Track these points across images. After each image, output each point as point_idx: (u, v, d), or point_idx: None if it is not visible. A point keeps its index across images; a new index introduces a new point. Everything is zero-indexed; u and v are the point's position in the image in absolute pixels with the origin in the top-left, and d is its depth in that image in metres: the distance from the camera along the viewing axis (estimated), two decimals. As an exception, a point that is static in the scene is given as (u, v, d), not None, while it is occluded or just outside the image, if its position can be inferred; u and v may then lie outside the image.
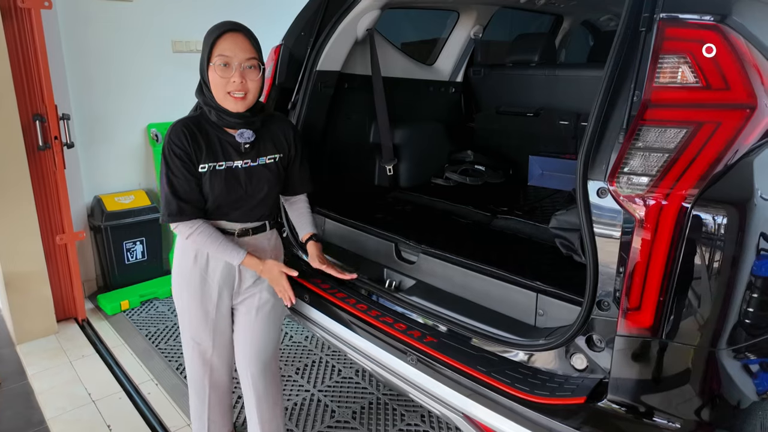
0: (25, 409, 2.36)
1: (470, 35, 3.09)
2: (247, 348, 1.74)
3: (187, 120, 1.55)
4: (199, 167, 1.52)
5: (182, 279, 1.67)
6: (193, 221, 1.54)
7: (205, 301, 1.66)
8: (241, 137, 1.54)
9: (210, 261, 1.63)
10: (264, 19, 3.42)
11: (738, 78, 1.08)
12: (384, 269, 1.97)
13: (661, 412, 1.18)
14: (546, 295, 1.53)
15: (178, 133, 1.50)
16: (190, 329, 1.72)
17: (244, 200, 1.60)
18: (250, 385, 1.76)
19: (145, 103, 3.50)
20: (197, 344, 1.73)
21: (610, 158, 1.19)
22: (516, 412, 1.30)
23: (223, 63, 1.45)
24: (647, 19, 1.18)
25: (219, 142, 1.55)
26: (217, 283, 1.65)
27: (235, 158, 1.56)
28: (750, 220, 1.08)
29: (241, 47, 1.47)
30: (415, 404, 2.35)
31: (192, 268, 1.63)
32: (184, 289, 1.67)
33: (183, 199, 1.50)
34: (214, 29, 1.49)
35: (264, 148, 1.62)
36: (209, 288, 1.65)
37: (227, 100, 1.49)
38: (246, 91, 1.49)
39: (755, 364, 1.21)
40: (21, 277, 2.81)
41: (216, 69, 1.45)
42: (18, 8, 2.65)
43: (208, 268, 1.64)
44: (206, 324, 1.69)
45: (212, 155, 1.53)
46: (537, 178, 2.94)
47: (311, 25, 2.24)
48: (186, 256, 1.64)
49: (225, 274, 1.65)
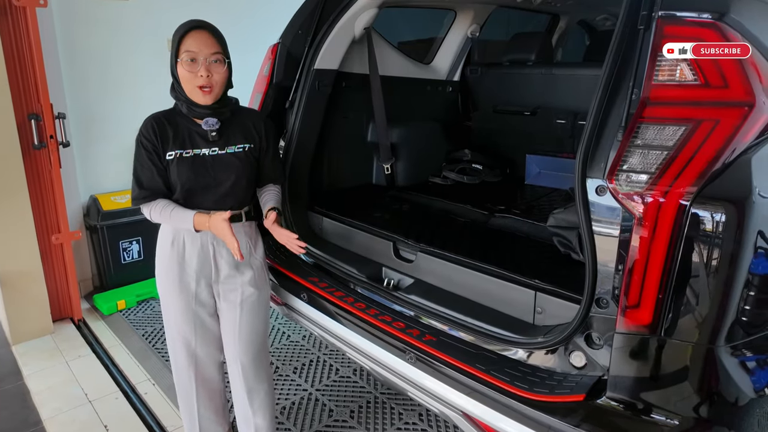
0: (22, 410, 2.34)
1: (467, 34, 3.10)
2: (235, 342, 1.75)
3: (158, 114, 1.65)
4: (166, 155, 1.60)
5: (162, 267, 1.70)
6: (152, 202, 1.62)
7: (183, 290, 1.69)
8: (206, 125, 1.62)
9: (186, 248, 1.66)
10: (262, 18, 3.42)
11: (736, 76, 1.09)
12: (382, 268, 1.97)
13: (660, 409, 1.18)
14: (544, 293, 1.53)
15: (147, 126, 1.61)
16: (173, 320, 1.73)
17: (212, 187, 1.64)
18: (239, 377, 1.77)
19: (141, 101, 3.48)
20: (180, 335, 1.74)
21: (608, 156, 1.20)
22: (515, 409, 1.31)
23: (190, 59, 1.54)
24: (646, 17, 1.18)
25: (187, 131, 1.63)
26: (194, 271, 1.68)
27: (203, 146, 1.64)
28: (748, 218, 1.08)
29: (205, 43, 1.55)
30: (413, 403, 2.35)
31: (170, 256, 1.67)
32: (164, 278, 1.70)
33: (145, 186, 1.61)
34: (180, 28, 1.57)
35: (233, 137, 1.68)
36: (187, 276, 1.68)
37: (195, 93, 1.57)
38: (212, 84, 1.57)
39: (752, 361, 1.21)
40: (16, 277, 2.80)
41: (183, 64, 1.54)
42: (13, 7, 2.64)
43: (185, 255, 1.67)
44: (187, 314, 1.71)
45: (179, 143, 1.61)
46: (534, 177, 2.94)
47: (309, 24, 2.23)
48: (164, 244, 1.68)
49: (201, 262, 1.68)
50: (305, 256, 2.10)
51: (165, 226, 1.70)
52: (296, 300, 1.95)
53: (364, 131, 2.71)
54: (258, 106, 2.21)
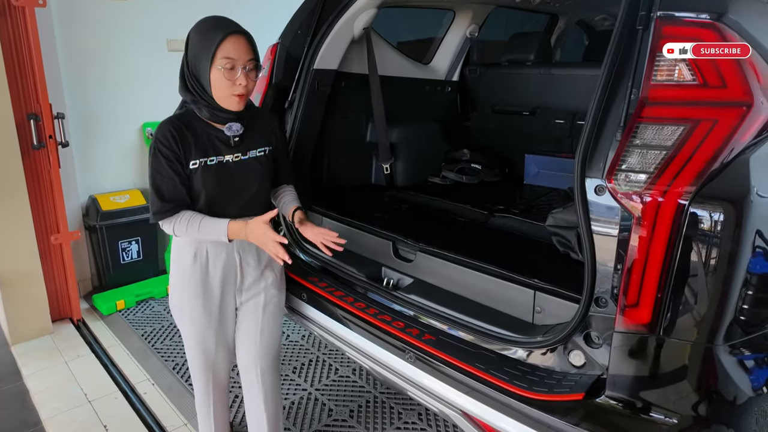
0: (21, 410, 2.34)
1: (466, 34, 3.10)
2: (256, 345, 1.72)
3: (173, 118, 1.55)
4: (189, 164, 1.51)
5: (182, 279, 1.63)
6: (174, 215, 1.53)
7: (207, 300, 1.64)
8: (230, 130, 1.54)
9: (210, 258, 1.61)
10: (260, 17, 3.41)
11: (734, 76, 1.09)
12: (382, 267, 1.98)
13: (659, 407, 1.18)
14: (543, 293, 1.53)
15: (165, 132, 1.49)
16: (193, 331, 1.67)
17: (236, 196, 1.59)
18: (257, 381, 1.74)
19: (141, 102, 3.49)
20: (200, 346, 1.70)
21: (607, 156, 1.20)
22: (514, 408, 1.31)
23: (230, 66, 1.45)
24: (644, 17, 1.18)
25: (207, 137, 1.55)
26: (219, 280, 1.64)
27: (226, 152, 1.56)
28: (746, 218, 1.09)
29: (244, 49, 1.47)
30: (412, 402, 2.36)
31: (192, 268, 1.61)
32: (184, 290, 1.64)
33: (167, 199, 1.51)
34: (217, 30, 1.46)
35: (253, 141, 1.63)
36: (211, 287, 1.64)
37: (230, 101, 1.49)
38: (248, 92, 1.50)
39: (750, 360, 1.22)
40: (16, 277, 2.80)
41: (221, 71, 1.44)
42: (12, 6, 2.64)
43: (209, 266, 1.62)
44: (209, 324, 1.67)
45: (202, 151, 1.53)
46: (533, 177, 2.95)
47: (308, 24, 2.24)
48: (184, 256, 1.62)
49: (226, 271, 1.64)
50: (305, 256, 2.10)
51: (182, 241, 1.61)
52: (296, 300, 1.95)
53: (364, 131, 2.72)
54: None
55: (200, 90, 1.50)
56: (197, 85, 1.50)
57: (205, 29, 1.48)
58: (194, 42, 1.49)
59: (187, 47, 1.51)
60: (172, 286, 1.69)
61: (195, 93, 1.51)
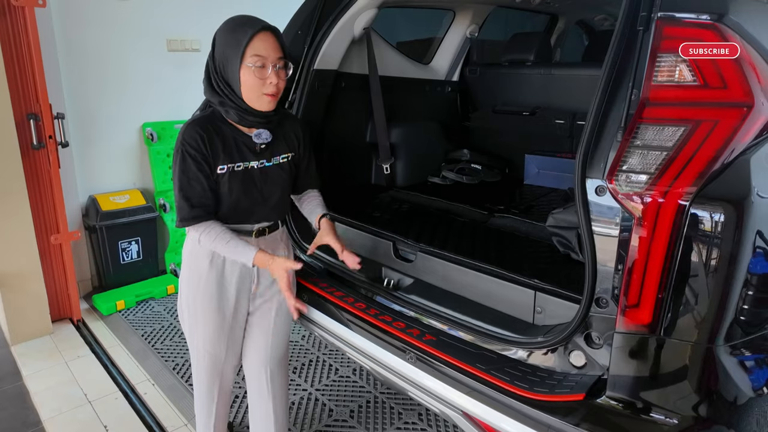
0: (21, 410, 2.34)
1: (466, 34, 3.10)
2: (267, 349, 1.72)
3: (201, 120, 1.49)
4: (217, 169, 1.48)
5: (196, 284, 1.59)
6: (203, 223, 1.50)
7: (222, 306, 1.61)
8: (259, 138, 1.51)
9: (226, 264, 1.59)
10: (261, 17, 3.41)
11: (735, 77, 1.09)
12: (382, 268, 1.98)
13: (660, 408, 1.18)
14: (544, 293, 1.53)
15: (193, 134, 1.44)
16: (203, 338, 1.64)
17: (260, 203, 1.57)
18: (266, 382, 1.73)
19: (141, 102, 3.49)
20: (210, 353, 1.66)
21: (608, 156, 1.20)
22: (515, 409, 1.31)
23: (261, 64, 1.41)
24: (645, 18, 1.18)
25: (235, 142, 1.51)
26: (235, 287, 1.61)
27: (251, 158, 1.53)
28: (747, 218, 1.09)
29: (273, 47, 1.43)
30: (412, 402, 2.36)
31: (208, 273, 1.57)
32: (198, 296, 1.60)
33: (195, 204, 1.46)
34: (246, 28, 1.41)
35: (277, 147, 1.59)
36: (226, 292, 1.61)
37: (261, 101, 1.45)
38: (279, 91, 1.47)
39: (751, 361, 1.22)
40: (15, 278, 2.80)
41: (252, 70, 1.41)
42: (12, 6, 2.64)
43: (225, 272, 1.59)
44: (222, 331, 1.64)
45: (229, 156, 1.49)
46: (533, 177, 2.95)
47: (308, 24, 2.23)
48: (200, 261, 1.58)
49: (242, 278, 1.62)
50: (305, 256, 2.10)
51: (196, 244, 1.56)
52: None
53: (364, 131, 2.71)
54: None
55: (229, 91, 1.45)
56: (225, 86, 1.45)
57: (232, 28, 1.44)
58: (222, 41, 1.44)
59: (214, 47, 1.46)
60: (183, 290, 1.64)
61: (223, 95, 1.46)
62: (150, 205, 3.48)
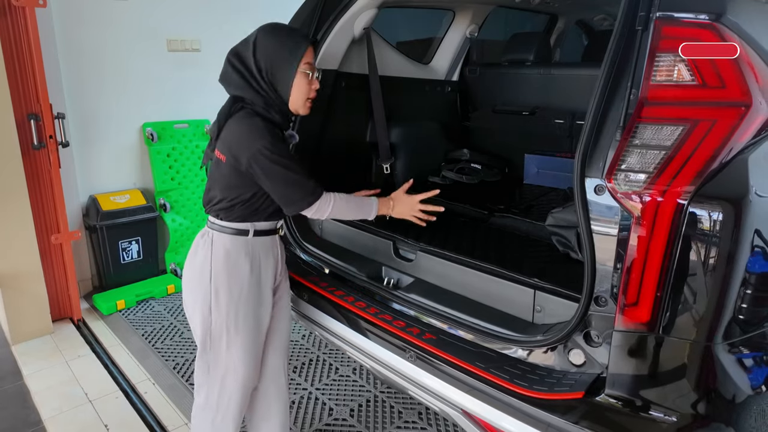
0: (22, 410, 2.35)
1: (466, 34, 3.10)
2: (282, 343, 1.75)
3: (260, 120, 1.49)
4: None
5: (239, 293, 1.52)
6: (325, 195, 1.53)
7: (263, 312, 1.59)
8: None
9: (262, 266, 1.58)
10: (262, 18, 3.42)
11: (733, 76, 1.10)
12: (382, 267, 1.98)
13: (659, 406, 1.19)
14: (543, 292, 1.54)
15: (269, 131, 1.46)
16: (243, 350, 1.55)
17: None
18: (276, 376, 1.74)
19: (141, 102, 3.49)
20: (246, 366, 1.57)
21: (607, 156, 1.20)
22: (515, 407, 1.32)
23: (311, 71, 1.55)
24: (643, 18, 1.19)
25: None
26: (269, 287, 1.62)
27: None
28: (745, 217, 1.09)
29: (313, 57, 1.58)
30: (412, 401, 2.36)
31: (249, 279, 1.54)
32: (241, 305, 1.53)
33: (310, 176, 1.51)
34: (300, 38, 1.53)
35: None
36: (265, 296, 1.59)
37: (305, 106, 1.59)
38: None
39: (749, 359, 1.23)
40: (16, 277, 2.80)
41: (304, 76, 1.53)
42: (12, 6, 2.64)
43: (261, 274, 1.58)
44: (258, 341, 1.60)
45: None
46: (533, 177, 2.95)
47: (308, 24, 2.24)
48: (240, 266, 1.52)
49: (271, 276, 1.63)
50: (306, 256, 2.11)
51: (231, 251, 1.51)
52: (297, 299, 1.95)
53: (364, 131, 2.72)
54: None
55: (274, 95, 1.52)
56: (271, 89, 1.51)
57: (284, 35, 1.53)
58: (272, 47, 1.49)
59: (258, 51, 1.49)
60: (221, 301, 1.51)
61: (268, 96, 1.51)
62: (150, 205, 3.49)
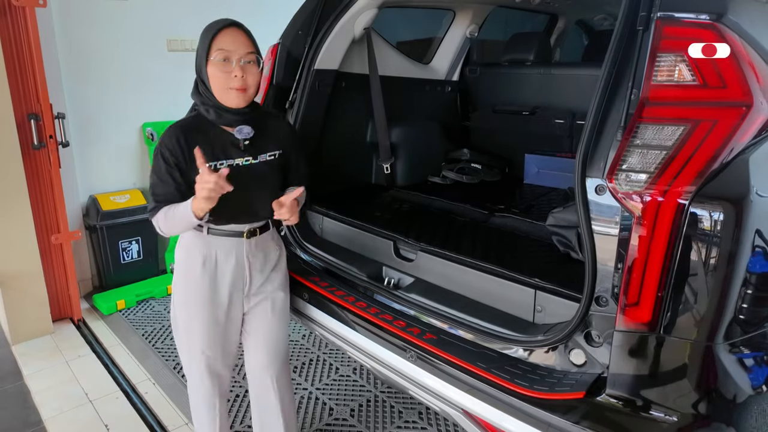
0: (22, 410, 2.35)
1: (466, 34, 3.11)
2: (269, 349, 1.71)
3: (182, 123, 1.54)
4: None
5: (189, 288, 1.60)
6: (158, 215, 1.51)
7: (215, 308, 1.62)
8: (240, 133, 1.52)
9: (218, 265, 1.59)
10: (261, 17, 3.42)
11: (734, 76, 1.10)
12: (383, 267, 1.98)
13: (659, 405, 1.19)
14: (544, 292, 1.54)
15: (171, 138, 1.49)
16: (200, 340, 1.63)
17: (249, 199, 1.57)
18: (272, 385, 1.73)
19: (141, 102, 3.49)
20: (206, 355, 1.65)
21: (608, 156, 1.21)
22: (516, 407, 1.32)
23: (223, 58, 1.45)
24: (644, 18, 1.19)
25: (219, 141, 1.54)
26: (228, 287, 1.62)
27: (236, 156, 1.55)
28: (746, 217, 1.10)
29: (240, 42, 1.47)
30: (413, 401, 2.36)
31: (201, 275, 1.59)
32: (191, 299, 1.61)
33: (160, 200, 1.51)
34: (213, 25, 1.48)
35: (264, 145, 1.61)
36: (219, 295, 1.61)
37: (229, 95, 1.48)
38: (247, 86, 1.49)
39: (750, 359, 1.23)
40: (16, 277, 2.80)
41: (216, 64, 1.45)
42: (12, 6, 2.64)
43: (217, 273, 1.60)
44: (215, 333, 1.64)
45: (211, 155, 1.51)
46: (533, 176, 2.95)
47: (309, 24, 2.24)
48: (193, 263, 1.59)
49: (235, 278, 1.62)
50: (306, 256, 2.11)
51: (189, 247, 1.59)
52: (297, 299, 1.96)
53: (364, 131, 2.72)
54: (258, 107, 2.22)
55: (204, 90, 1.51)
56: (202, 85, 1.51)
57: (206, 28, 1.51)
58: (199, 43, 1.50)
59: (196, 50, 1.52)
60: (177, 293, 1.65)
61: (203, 94, 1.51)
62: (150, 205, 3.48)
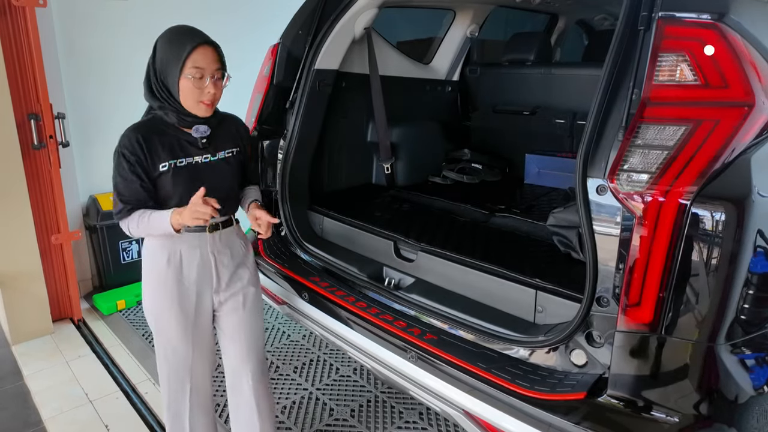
0: (22, 410, 2.34)
1: (466, 34, 3.11)
2: (242, 346, 1.71)
3: (139, 125, 1.59)
4: (159, 167, 1.54)
5: (156, 283, 1.62)
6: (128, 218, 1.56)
7: (183, 303, 1.62)
8: (197, 132, 1.58)
9: (184, 260, 1.61)
10: (260, 18, 3.42)
11: (736, 76, 1.10)
12: (383, 267, 1.98)
13: (660, 406, 1.19)
14: (545, 292, 1.54)
15: (130, 139, 1.54)
16: (168, 336, 1.64)
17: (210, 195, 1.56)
18: (248, 383, 1.72)
19: (141, 102, 3.46)
20: (176, 350, 1.65)
21: (609, 156, 1.20)
22: (516, 408, 1.31)
23: (200, 76, 1.50)
24: (646, 17, 1.19)
25: (177, 140, 1.58)
26: (195, 283, 1.63)
27: (195, 154, 1.60)
28: (748, 217, 1.09)
29: (212, 59, 1.52)
30: (413, 401, 2.36)
31: (165, 271, 1.60)
32: (158, 294, 1.62)
33: (125, 200, 1.54)
34: (186, 42, 1.50)
35: (222, 143, 1.66)
36: (186, 289, 1.62)
37: (198, 108, 1.54)
38: (215, 99, 1.56)
39: (751, 359, 1.22)
40: (16, 277, 2.80)
41: (190, 80, 1.50)
42: (12, 6, 2.63)
43: (183, 270, 1.61)
44: (185, 327, 1.64)
45: (171, 153, 1.56)
46: (533, 176, 2.95)
47: (309, 24, 2.24)
48: (157, 260, 1.61)
49: (201, 273, 1.63)
50: (306, 256, 2.11)
51: (154, 245, 1.62)
52: (297, 299, 1.95)
53: (364, 131, 2.72)
54: (258, 107, 2.22)
55: (167, 96, 1.55)
56: (165, 91, 1.54)
57: (174, 39, 1.53)
58: (163, 50, 1.53)
59: (155, 55, 1.55)
60: (145, 290, 1.66)
61: (162, 99, 1.56)
62: (150, 205, 3.48)
